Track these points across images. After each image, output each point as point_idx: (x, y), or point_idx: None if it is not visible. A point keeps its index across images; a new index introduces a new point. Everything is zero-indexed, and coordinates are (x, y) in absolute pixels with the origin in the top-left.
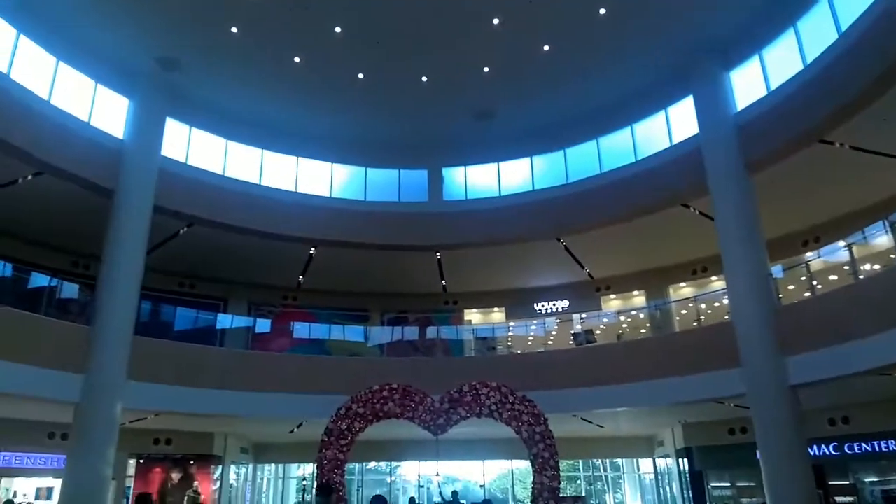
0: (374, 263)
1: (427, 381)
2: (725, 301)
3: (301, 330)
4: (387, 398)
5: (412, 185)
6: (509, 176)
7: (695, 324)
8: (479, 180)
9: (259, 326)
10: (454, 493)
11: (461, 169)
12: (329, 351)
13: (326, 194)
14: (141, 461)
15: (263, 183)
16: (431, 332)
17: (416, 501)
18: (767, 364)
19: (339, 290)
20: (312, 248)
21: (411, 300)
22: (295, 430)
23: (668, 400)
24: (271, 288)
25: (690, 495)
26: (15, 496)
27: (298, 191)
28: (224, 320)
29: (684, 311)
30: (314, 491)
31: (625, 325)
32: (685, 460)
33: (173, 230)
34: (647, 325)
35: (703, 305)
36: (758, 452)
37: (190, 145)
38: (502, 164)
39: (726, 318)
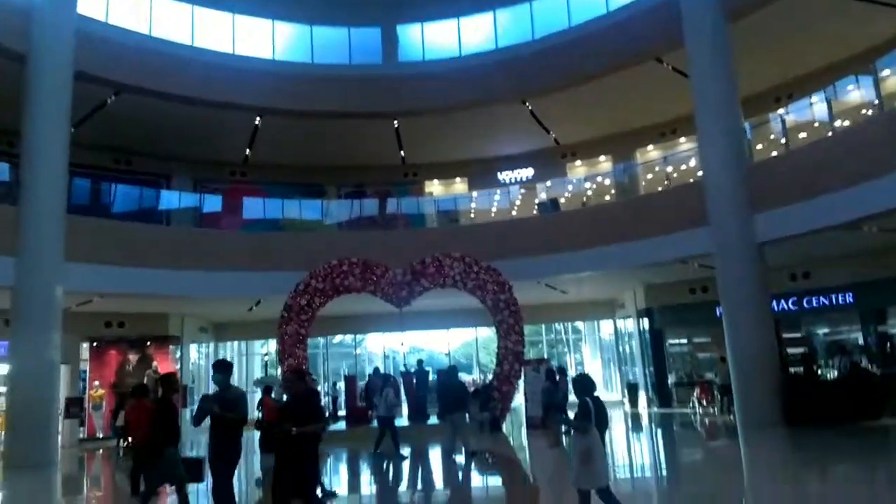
0: (326, 134)
1: (389, 255)
2: (693, 164)
3: (253, 209)
4: (347, 272)
5: (364, 45)
6: (470, 34)
7: (660, 188)
8: (437, 39)
9: (207, 205)
10: (419, 361)
11: (418, 26)
12: (284, 230)
13: (269, 56)
14: (95, 344)
15: (196, 44)
16: (392, 205)
17: (381, 370)
18: (736, 222)
19: (291, 164)
20: (258, 118)
21: (369, 172)
22: (253, 307)
23: (633, 262)
24: (217, 163)
25: (650, 353)
26: None
27: (237, 53)
28: (169, 199)
29: (650, 176)
30: (284, 374)
31: (590, 193)
32: (646, 320)
33: (100, 100)
34: (613, 191)
35: (669, 169)
36: (718, 310)
37: (110, 2)
38: (463, 19)
39: (692, 180)
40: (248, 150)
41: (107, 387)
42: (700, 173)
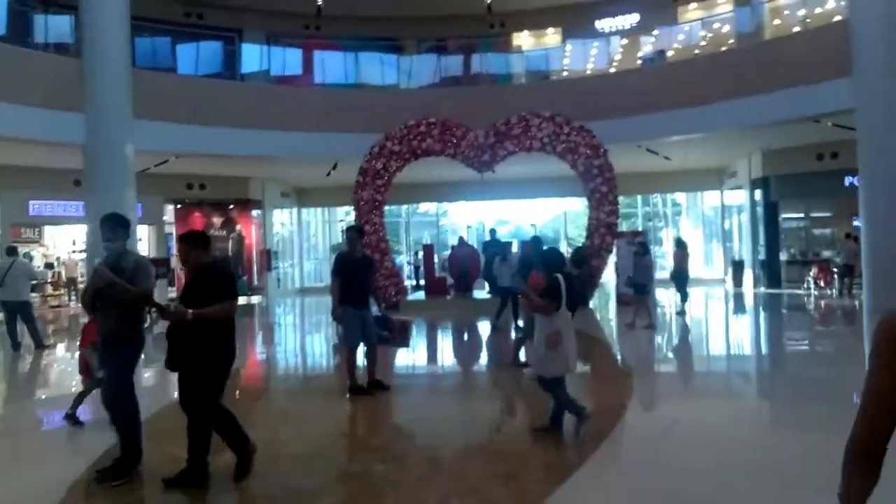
0: None
1: (471, 115)
2: (831, 3)
3: (327, 70)
4: (425, 133)
5: None
6: None
7: (794, 31)
8: None
9: (278, 68)
10: (492, 230)
11: None
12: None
13: None
14: (178, 206)
15: None
16: (476, 64)
17: (465, 240)
18: (886, 71)
19: (367, 16)
20: None
21: (451, 24)
22: (331, 172)
23: (755, 121)
24: (290, 15)
25: (763, 227)
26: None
27: None
28: (244, 56)
29: (777, 21)
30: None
31: (704, 43)
32: (759, 191)
33: None
34: (731, 41)
35: (801, 12)
36: (848, 179)
37: None
38: None
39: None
40: (320, 1)
41: None
42: (838, 17)
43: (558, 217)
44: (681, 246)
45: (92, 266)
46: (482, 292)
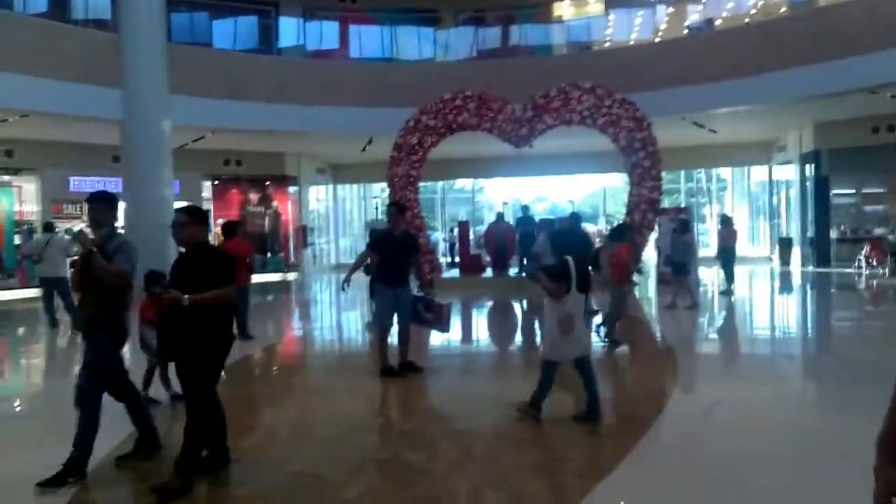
0: None
1: (509, 88)
2: None
3: (363, 46)
4: (461, 107)
5: None
6: None
7: None
8: None
9: (314, 42)
10: (524, 207)
11: None
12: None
13: None
14: (216, 182)
15: None
16: (515, 35)
17: (503, 216)
18: None
19: None
20: None
21: None
22: (366, 147)
23: (808, 91)
24: None
25: (813, 203)
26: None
27: None
28: (280, 29)
29: None
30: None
31: (755, 11)
32: (811, 165)
33: None
34: (783, 10)
35: None
36: None
37: None
38: None
39: None
40: None
41: None
42: None
43: (597, 193)
44: (726, 223)
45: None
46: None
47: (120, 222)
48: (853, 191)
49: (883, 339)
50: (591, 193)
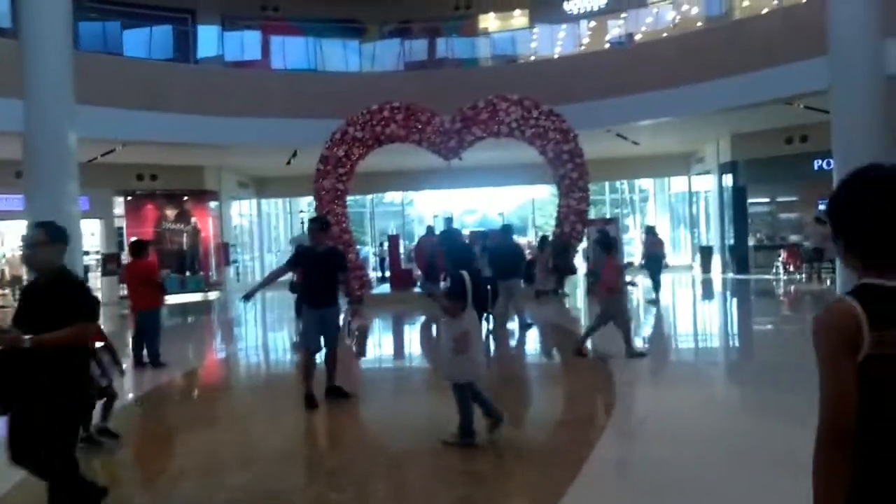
0: None
1: (437, 100)
2: None
3: (287, 56)
4: (388, 119)
5: None
6: None
7: (765, 11)
8: None
9: (234, 52)
10: (447, 219)
11: None
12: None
13: None
14: (129, 198)
15: None
16: (442, 48)
17: (433, 229)
18: (862, 49)
19: None
20: None
21: (415, 5)
22: (291, 161)
23: (727, 102)
24: None
25: (732, 213)
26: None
27: None
28: (199, 39)
29: (746, 2)
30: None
31: (674, 25)
32: (729, 176)
33: None
34: (700, 24)
35: None
36: (816, 163)
37: None
38: None
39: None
40: None
41: None
42: None
43: (526, 205)
44: (652, 232)
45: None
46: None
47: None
48: (768, 199)
49: (802, 344)
50: (520, 205)
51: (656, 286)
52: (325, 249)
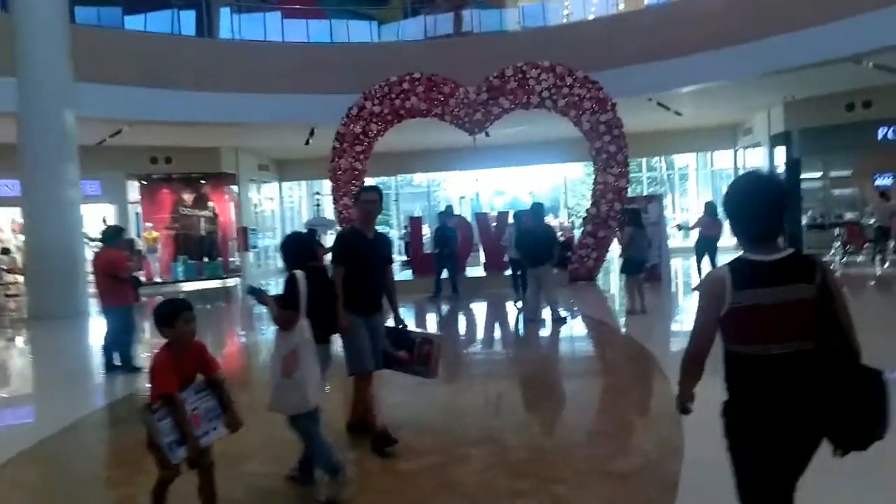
0: None
1: (462, 70)
2: None
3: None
4: (408, 91)
5: None
6: None
7: None
8: None
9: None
10: (448, 207)
11: None
12: None
13: None
14: (143, 183)
15: None
16: (468, 20)
17: (452, 211)
18: None
19: None
20: None
21: None
22: (309, 140)
23: (785, 62)
24: None
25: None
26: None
27: None
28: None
29: None
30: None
31: None
32: (781, 148)
33: None
34: None
35: None
36: (882, 131)
37: None
38: None
39: None
40: None
41: (162, 228)
42: None
43: (557, 187)
44: (710, 211)
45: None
46: (477, 269)
47: None
48: (820, 174)
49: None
50: (552, 186)
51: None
52: (377, 234)
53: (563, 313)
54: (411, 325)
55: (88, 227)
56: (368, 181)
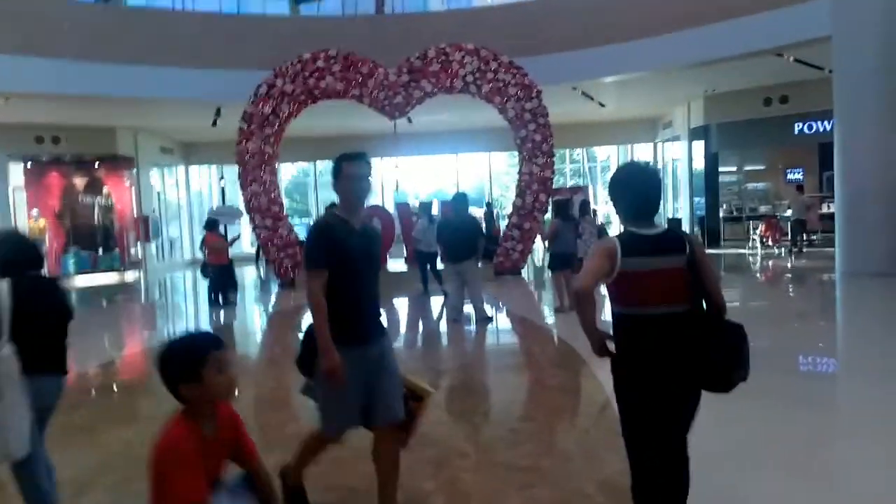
0: None
1: (382, 50)
2: None
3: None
4: (323, 70)
5: None
6: None
7: None
8: None
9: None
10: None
11: None
12: None
13: None
14: (29, 164)
15: None
16: (389, 5)
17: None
18: None
19: None
20: None
21: None
22: (216, 121)
23: (713, 53)
24: None
25: (703, 182)
26: None
27: None
28: None
29: None
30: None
31: None
32: (700, 142)
33: None
34: None
35: None
36: (798, 125)
37: None
38: None
39: None
40: None
41: (50, 217)
42: None
43: (481, 178)
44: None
45: None
46: (398, 263)
47: None
48: (735, 168)
49: (798, 326)
50: (477, 176)
51: None
52: (366, 226)
53: (488, 312)
54: None
55: None
56: (284, 168)
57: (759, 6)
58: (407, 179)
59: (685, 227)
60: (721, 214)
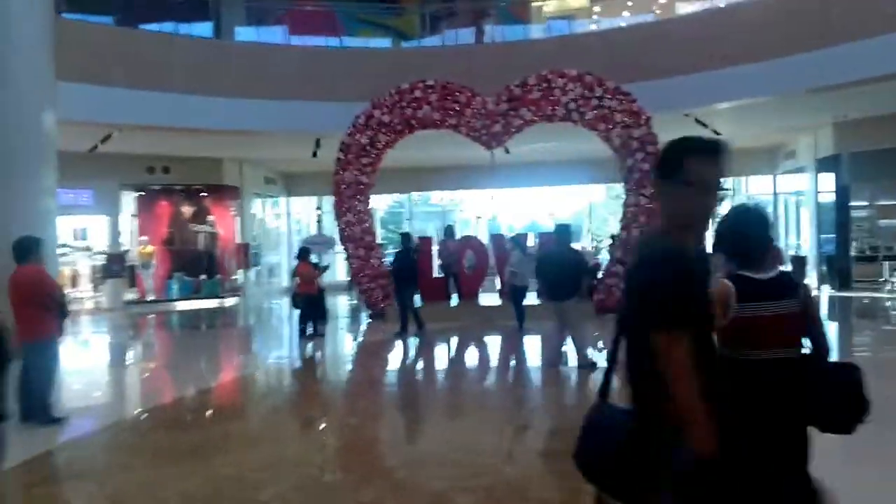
0: None
1: (481, 79)
2: None
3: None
4: (420, 100)
5: None
6: None
7: None
8: None
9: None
10: (448, 226)
11: None
12: None
13: None
14: (140, 194)
15: None
16: (489, 33)
17: (453, 231)
18: None
19: None
20: None
21: None
22: (316, 152)
23: (844, 76)
24: None
25: (834, 217)
26: None
27: None
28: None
29: None
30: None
31: None
32: (830, 174)
33: None
34: None
35: None
36: None
37: None
38: None
39: None
40: None
41: (158, 243)
42: None
43: (581, 212)
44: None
45: None
46: (492, 297)
47: None
48: (866, 203)
49: None
50: (576, 209)
51: None
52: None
53: (591, 358)
54: None
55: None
56: (378, 199)
57: (893, 24)
58: (502, 211)
59: (810, 267)
60: (852, 253)
